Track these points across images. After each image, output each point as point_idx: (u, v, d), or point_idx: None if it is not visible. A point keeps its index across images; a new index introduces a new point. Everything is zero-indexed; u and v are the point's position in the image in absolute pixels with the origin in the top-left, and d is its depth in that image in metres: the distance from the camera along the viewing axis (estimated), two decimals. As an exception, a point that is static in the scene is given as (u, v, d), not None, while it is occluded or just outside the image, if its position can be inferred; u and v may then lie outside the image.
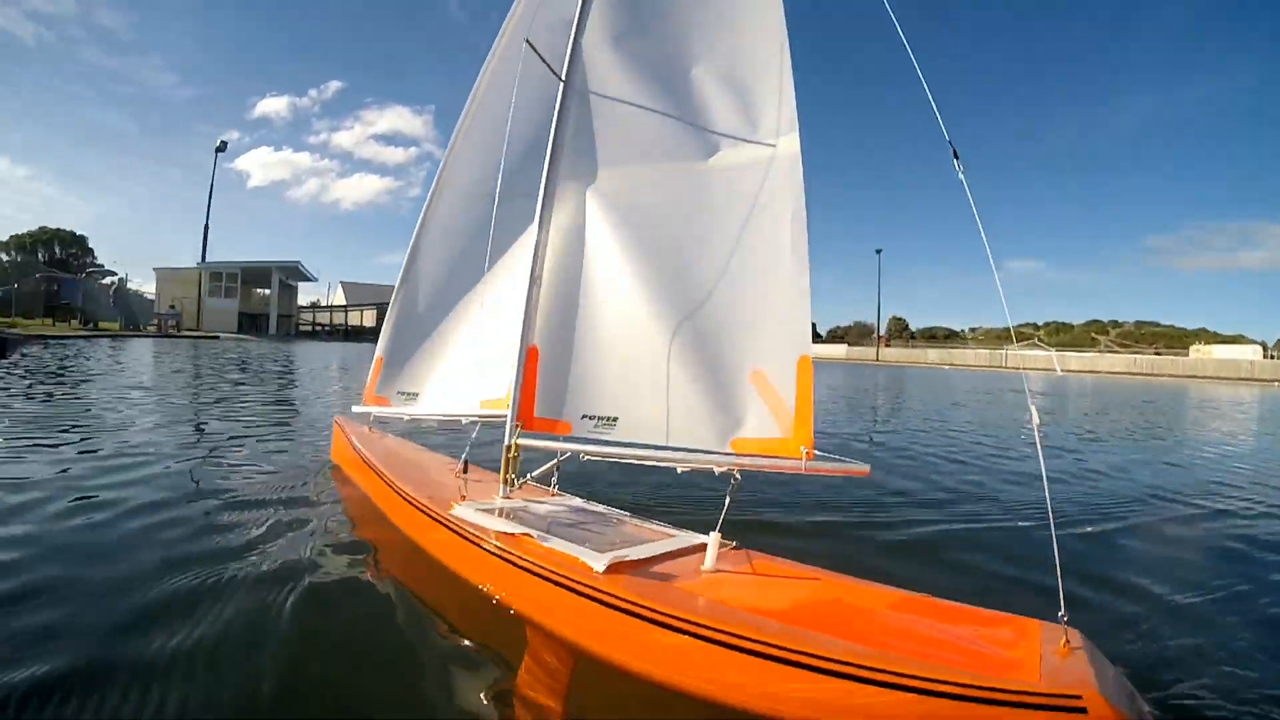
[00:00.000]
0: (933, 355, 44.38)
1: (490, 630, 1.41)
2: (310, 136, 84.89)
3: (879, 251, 49.08)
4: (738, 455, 1.69)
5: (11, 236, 35.07)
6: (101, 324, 23.13)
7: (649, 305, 1.97)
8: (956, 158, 1.44)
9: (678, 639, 1.18)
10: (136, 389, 5.73)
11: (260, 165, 79.55)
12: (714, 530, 1.56)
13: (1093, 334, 47.97)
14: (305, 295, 37.45)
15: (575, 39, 2.35)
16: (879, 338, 50.59)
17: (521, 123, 2.51)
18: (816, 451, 1.61)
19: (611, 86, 2.29)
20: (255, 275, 32.11)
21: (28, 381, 5.97)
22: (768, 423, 1.70)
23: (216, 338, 23.29)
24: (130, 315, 25.21)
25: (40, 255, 34.63)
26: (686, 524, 1.80)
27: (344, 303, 35.24)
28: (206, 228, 32.06)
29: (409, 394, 2.51)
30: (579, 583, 1.33)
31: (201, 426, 4.00)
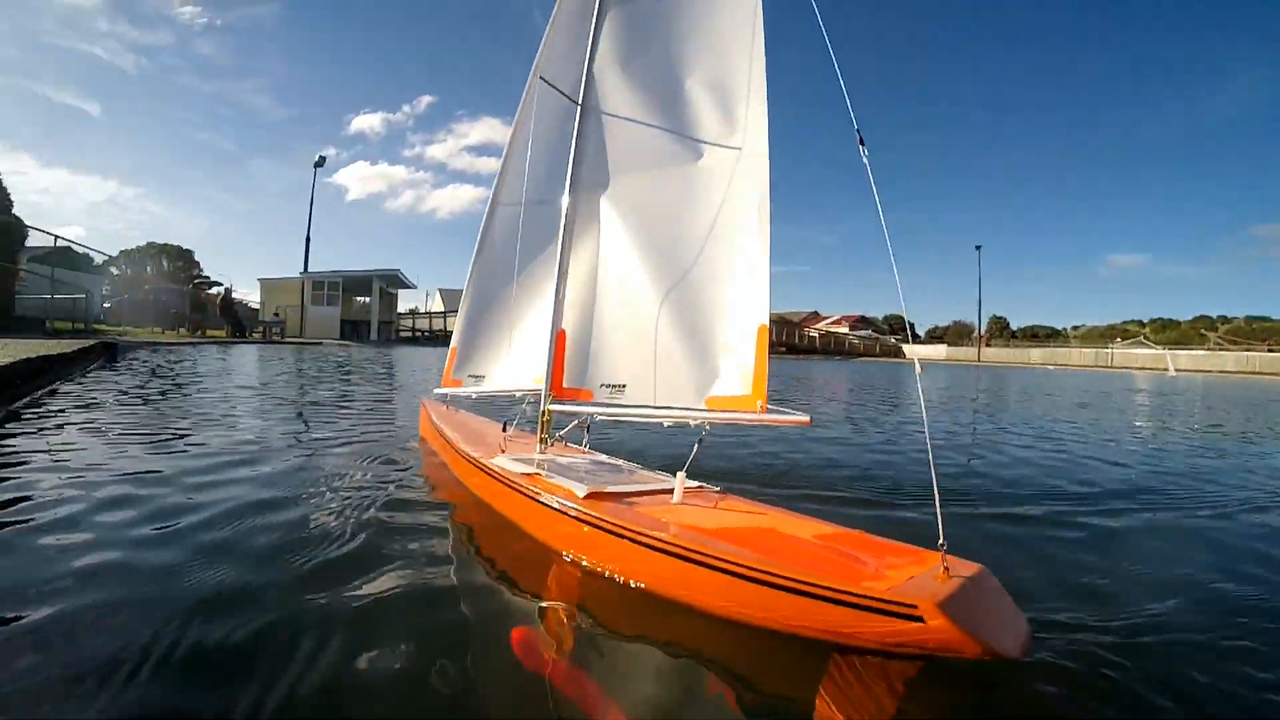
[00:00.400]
0: (1035, 355, 42.48)
1: (514, 549, 1.88)
2: (405, 150, 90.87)
3: (979, 248, 45.03)
4: (709, 410, 2.04)
5: (121, 252, 35.85)
6: (209, 331, 23.87)
7: (647, 288, 2.36)
8: (862, 143, 1.69)
9: (625, 544, 1.58)
10: (246, 388, 6.53)
11: (358, 179, 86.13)
12: (681, 470, 1.93)
13: (1200, 330, 43.76)
14: (404, 302, 38.40)
15: (588, 67, 2.77)
16: (980, 337, 46.83)
17: (549, 142, 2.98)
18: (770, 406, 1.92)
19: (618, 106, 2.69)
20: (356, 284, 33.23)
21: (142, 381, 6.65)
22: (734, 382, 2.04)
23: (320, 344, 23.98)
24: (236, 323, 25.66)
25: (149, 269, 35.23)
26: (708, 475, 2.18)
27: (442, 309, 36.59)
28: (308, 239, 33.17)
29: (477, 376, 3.09)
30: (564, 505, 1.78)
31: (312, 414, 4.81)
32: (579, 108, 2.77)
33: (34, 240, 15.80)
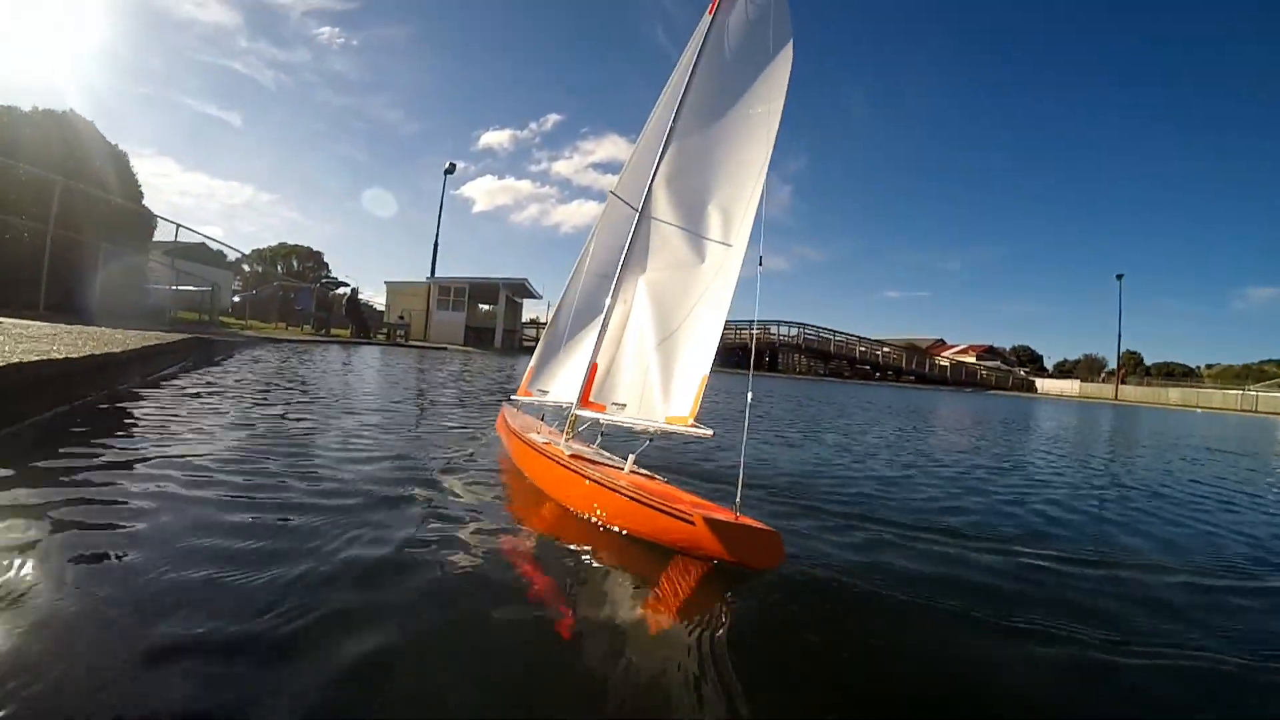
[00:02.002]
0: (1173, 395, 38.75)
1: (532, 493, 2.99)
2: (531, 165, 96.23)
3: (1120, 277, 42.32)
4: (665, 424, 3.05)
5: (254, 250, 36.76)
6: (333, 330, 23.99)
7: (651, 340, 3.43)
8: (760, 264, 2.67)
9: (582, 482, 2.63)
10: (369, 393, 7.24)
11: (484, 192, 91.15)
12: (630, 456, 2.95)
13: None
14: (526, 312, 39.35)
15: (650, 184, 3.98)
16: (1119, 373, 41.04)
17: (616, 233, 4.22)
18: (692, 423, 2.89)
19: (663, 213, 3.84)
20: (482, 291, 33.11)
21: (248, 390, 6.42)
22: (683, 407, 3.03)
23: (444, 349, 24.09)
24: (361, 323, 25.49)
25: (279, 268, 35.90)
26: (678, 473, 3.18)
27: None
28: (436, 244, 35.48)
29: (543, 390, 4.30)
30: (554, 457, 2.87)
31: (430, 409, 6.26)
32: (637, 214, 3.98)
33: (170, 235, 16.07)
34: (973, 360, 54.05)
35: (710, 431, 2.84)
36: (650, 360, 3.35)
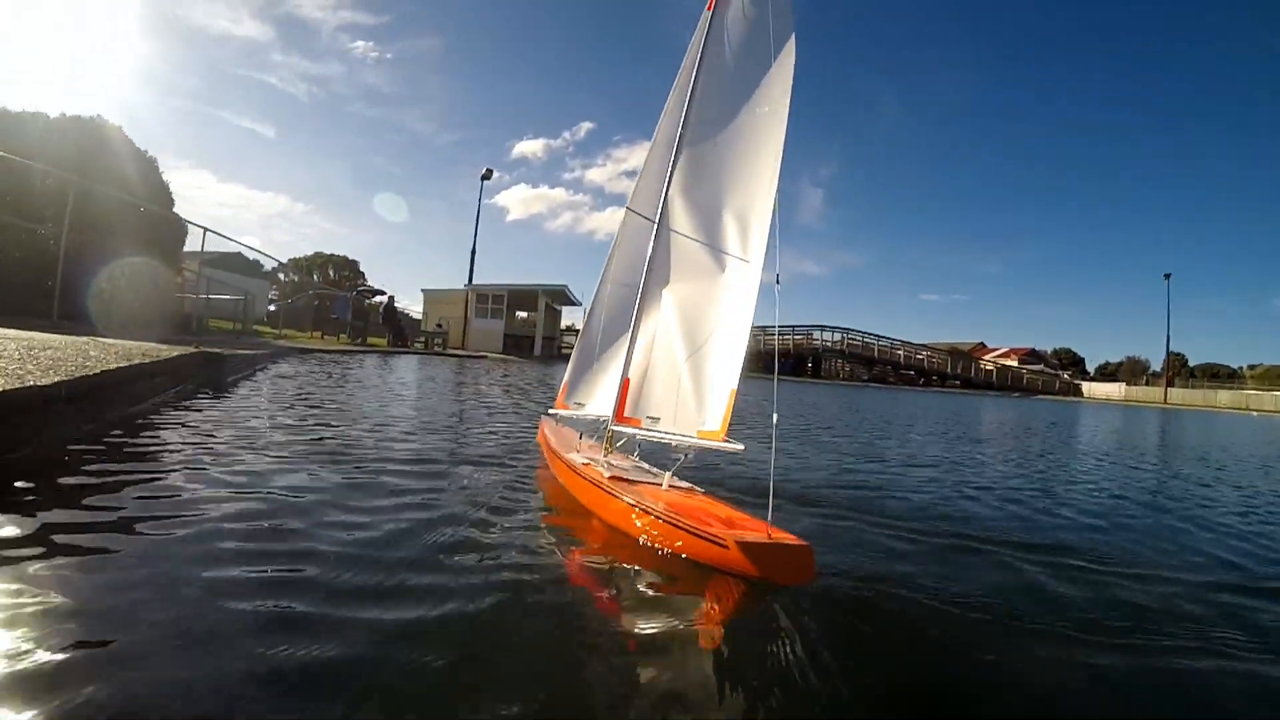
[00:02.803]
0: (1223, 398, 38.08)
1: (574, 506, 3.19)
2: (565, 174, 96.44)
3: (1168, 277, 40.89)
4: (697, 439, 3.19)
5: (290, 259, 36.92)
6: (370, 339, 23.48)
7: (681, 354, 3.55)
8: (778, 282, 2.75)
9: (621, 504, 2.81)
10: (407, 403, 7.43)
11: (519, 201, 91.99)
12: (668, 472, 3.11)
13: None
14: (565, 319, 39.00)
15: (665, 194, 4.04)
16: (1167, 375, 39.53)
17: (638, 247, 4.30)
18: (726, 438, 3.03)
19: (680, 225, 3.91)
20: (521, 298, 32.65)
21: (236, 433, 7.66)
22: (715, 421, 3.16)
23: (484, 357, 23.90)
24: (397, 331, 24.96)
25: (315, 276, 35.87)
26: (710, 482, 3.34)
27: None
28: (474, 250, 32.34)
29: (579, 403, 4.48)
30: (595, 480, 3.05)
31: (469, 418, 6.58)
32: (655, 225, 4.06)
33: (209, 246, 15.11)
34: (1015, 364, 53.03)
35: (741, 447, 2.97)
36: (681, 373, 3.48)
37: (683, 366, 3.49)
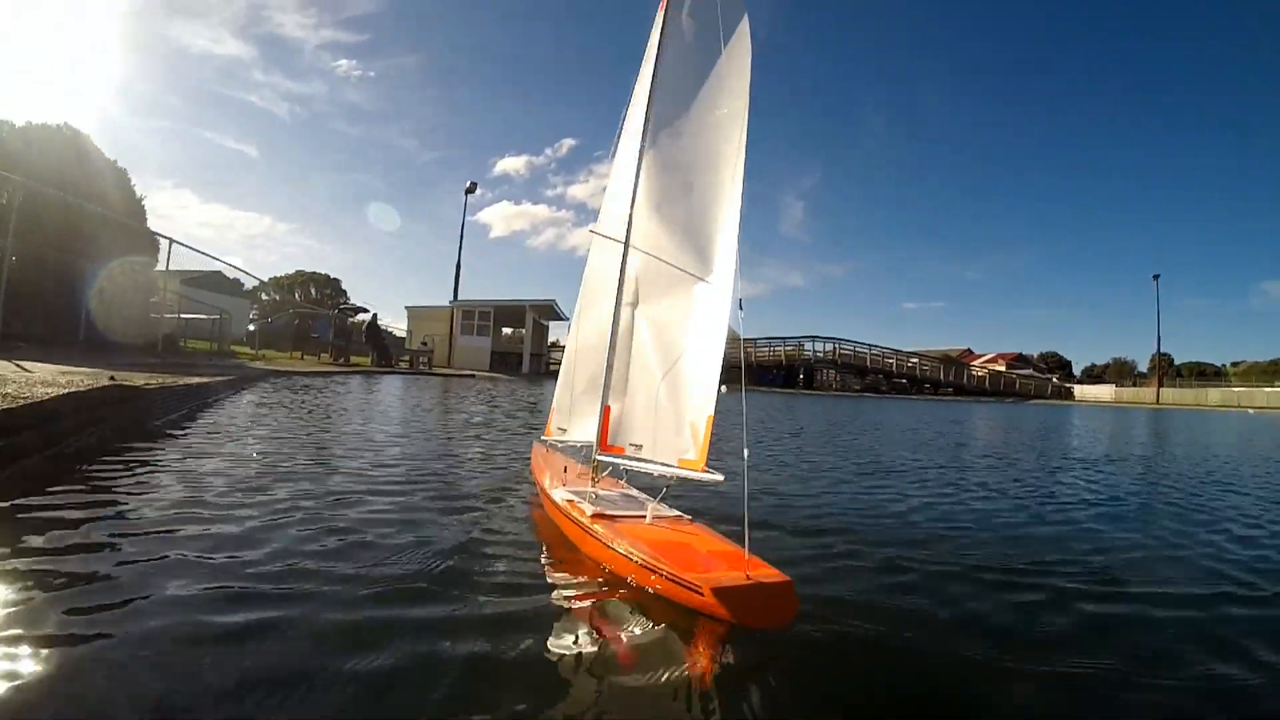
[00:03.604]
0: (1214, 396, 38.77)
1: (561, 542, 3.16)
2: (547, 190, 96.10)
3: (1156, 277, 41.68)
4: (678, 468, 3.14)
5: (271, 278, 36.56)
6: (353, 359, 23.00)
7: (658, 379, 3.50)
8: (740, 306, 2.69)
9: (600, 545, 2.77)
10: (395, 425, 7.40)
11: (501, 218, 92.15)
12: (653, 501, 3.07)
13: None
14: (552, 335, 38.07)
15: (632, 213, 3.95)
16: (1158, 375, 40.39)
17: (609, 267, 4.23)
18: (705, 468, 2.98)
19: (646, 244, 3.83)
20: (508, 314, 32.06)
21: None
22: (691, 450, 3.11)
23: (473, 375, 23.40)
24: (382, 350, 24.53)
25: (297, 295, 35.49)
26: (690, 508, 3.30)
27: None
28: (459, 266, 31.58)
29: (563, 429, 4.43)
30: (577, 520, 3.01)
31: (459, 443, 6.55)
32: (623, 246, 3.97)
33: (188, 264, 15.09)
34: (1003, 368, 53.42)
35: (720, 478, 2.92)
36: (658, 398, 3.42)
37: (660, 391, 3.43)
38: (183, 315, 15.72)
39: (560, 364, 4.80)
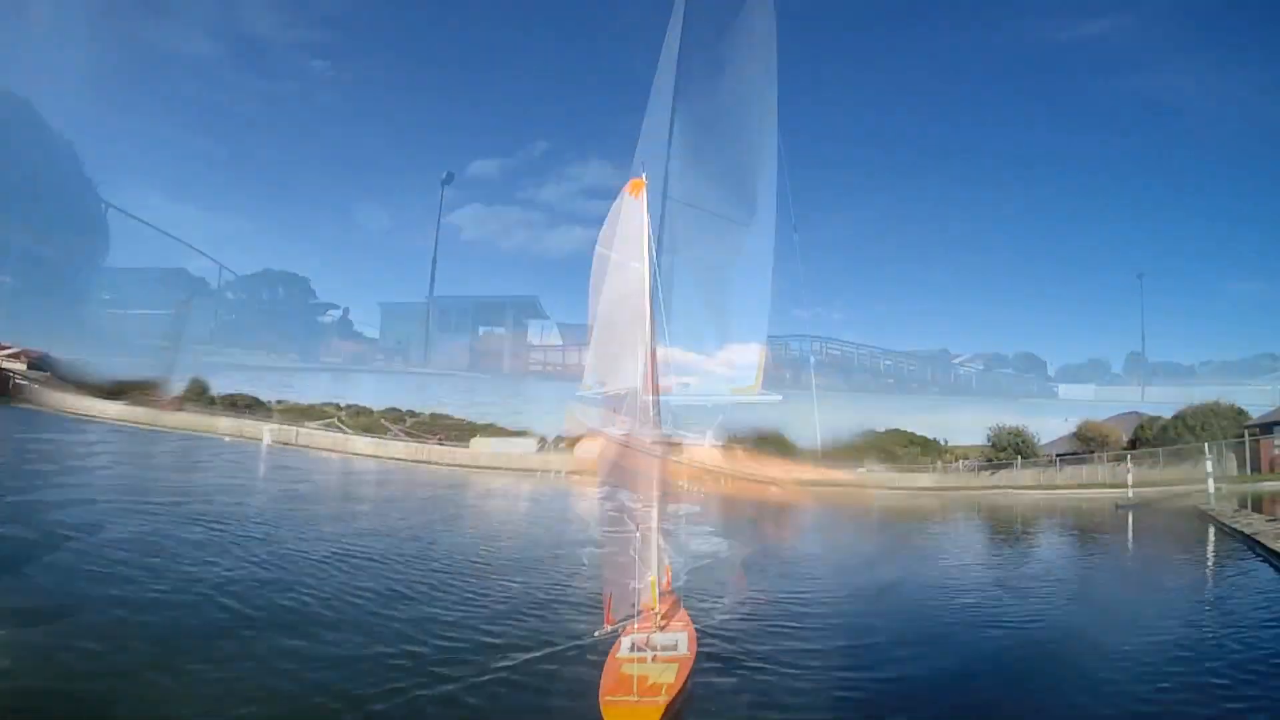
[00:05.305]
0: (1198, 394, 34.69)
1: None
2: (519, 192, 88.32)
3: (1140, 276, 41.97)
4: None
5: (238, 278, 35.61)
6: (325, 359, 22.40)
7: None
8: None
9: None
10: None
11: (474, 220, 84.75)
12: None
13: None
14: (532, 335, 35.09)
15: (655, 255, 5.94)
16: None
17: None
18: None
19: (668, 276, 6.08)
20: (488, 311, 30.60)
21: None
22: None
23: (451, 375, 23.23)
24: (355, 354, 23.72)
25: (264, 294, 34.62)
26: None
27: (560, 343, 33.22)
28: (434, 260, 30.35)
29: (603, 382, 6.39)
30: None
31: None
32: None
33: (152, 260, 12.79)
34: (983, 368, 53.66)
35: (779, 397, 5.16)
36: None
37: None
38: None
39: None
